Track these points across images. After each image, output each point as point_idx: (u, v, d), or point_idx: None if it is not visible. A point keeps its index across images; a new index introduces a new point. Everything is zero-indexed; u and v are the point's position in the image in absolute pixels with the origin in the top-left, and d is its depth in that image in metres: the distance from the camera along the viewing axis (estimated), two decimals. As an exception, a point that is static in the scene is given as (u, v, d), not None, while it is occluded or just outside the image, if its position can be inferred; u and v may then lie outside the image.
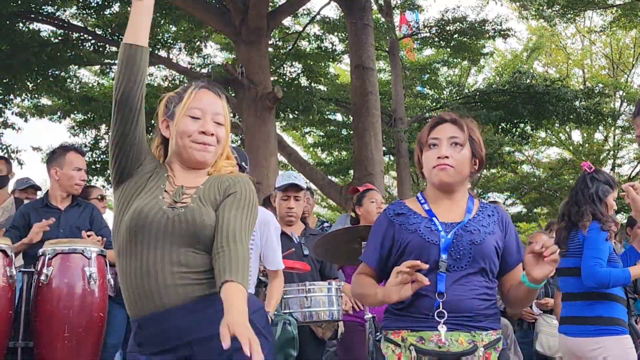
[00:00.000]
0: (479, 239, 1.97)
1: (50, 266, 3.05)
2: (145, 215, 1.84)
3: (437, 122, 2.10)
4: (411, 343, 1.91)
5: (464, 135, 2.04)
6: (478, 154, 2.07)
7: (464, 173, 2.04)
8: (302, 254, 3.71)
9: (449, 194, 2.07)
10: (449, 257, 1.94)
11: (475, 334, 1.92)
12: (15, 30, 9.48)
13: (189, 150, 1.92)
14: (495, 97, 12.57)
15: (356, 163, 9.48)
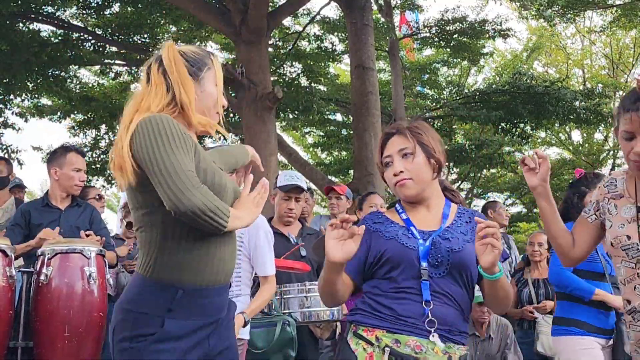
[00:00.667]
0: (457, 246, 1.94)
1: (50, 266, 3.05)
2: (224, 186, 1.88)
3: (386, 138, 2.10)
4: (386, 344, 1.86)
5: (411, 143, 2.02)
6: (433, 157, 2.03)
7: (424, 180, 2.01)
8: (299, 255, 3.71)
9: (422, 203, 2.05)
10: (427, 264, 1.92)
11: (450, 346, 1.89)
12: (15, 30, 9.49)
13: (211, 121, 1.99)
14: (495, 97, 12.57)
15: (356, 163, 9.48)
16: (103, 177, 12.69)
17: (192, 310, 1.80)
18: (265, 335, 3.17)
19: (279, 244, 3.66)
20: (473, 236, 1.96)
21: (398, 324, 1.88)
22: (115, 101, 12.13)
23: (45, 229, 3.51)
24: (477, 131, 15.42)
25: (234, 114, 11.86)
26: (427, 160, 2.02)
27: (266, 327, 3.20)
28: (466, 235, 1.99)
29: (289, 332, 3.19)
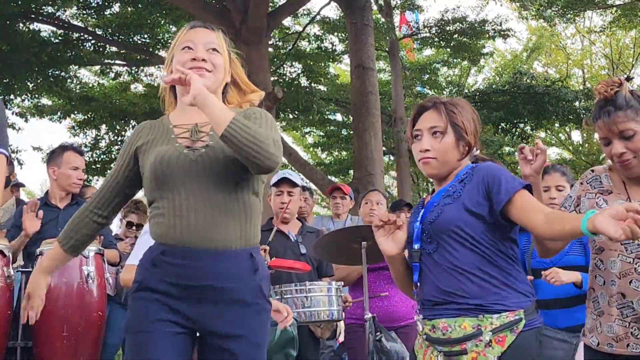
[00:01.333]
0: (434, 216, 1.90)
1: (49, 266, 3.04)
2: (166, 161, 1.88)
3: (419, 111, 2.05)
4: (426, 332, 1.90)
5: (443, 122, 1.98)
6: (464, 139, 1.99)
7: (449, 161, 1.97)
8: (299, 252, 3.70)
9: (446, 180, 2.01)
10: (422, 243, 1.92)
11: (482, 318, 1.80)
12: (15, 30, 9.49)
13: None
14: (495, 97, 12.58)
15: (356, 163, 9.48)
16: (103, 177, 12.69)
17: (171, 269, 1.85)
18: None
19: (280, 242, 3.66)
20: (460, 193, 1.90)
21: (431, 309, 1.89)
22: (115, 101, 12.14)
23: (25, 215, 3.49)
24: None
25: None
26: (456, 141, 1.98)
27: (266, 327, 3.19)
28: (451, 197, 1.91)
29: (290, 331, 3.18)
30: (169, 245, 1.86)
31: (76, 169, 3.78)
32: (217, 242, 1.86)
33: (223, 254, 1.86)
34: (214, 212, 1.86)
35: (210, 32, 2.02)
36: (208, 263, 1.84)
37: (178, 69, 1.87)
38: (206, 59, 1.96)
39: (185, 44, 1.98)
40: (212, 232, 1.85)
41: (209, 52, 1.98)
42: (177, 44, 2.00)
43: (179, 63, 1.94)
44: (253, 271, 1.90)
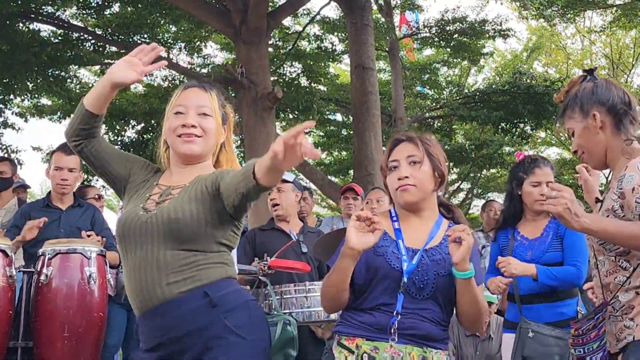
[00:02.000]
0: (444, 270, 1.98)
1: (50, 266, 3.05)
2: (123, 222, 1.97)
3: (394, 143, 2.11)
4: (364, 351, 1.93)
5: (420, 152, 2.04)
6: (438, 169, 2.06)
7: (426, 190, 2.04)
8: (300, 251, 3.70)
9: (416, 213, 2.07)
10: (411, 284, 1.95)
11: (426, 350, 1.95)
12: (15, 30, 9.48)
13: (176, 144, 2.00)
14: (495, 97, 12.57)
15: (356, 163, 9.48)
16: (103, 177, 12.69)
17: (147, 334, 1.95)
18: (266, 335, 3.16)
19: (280, 240, 3.66)
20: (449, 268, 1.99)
21: (376, 332, 1.94)
22: (115, 101, 12.11)
23: (29, 221, 3.50)
24: (477, 131, 15.42)
25: (234, 114, 11.85)
26: (432, 171, 2.05)
27: (266, 327, 3.19)
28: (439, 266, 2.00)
29: (290, 331, 3.18)
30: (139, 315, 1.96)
31: (60, 169, 3.73)
32: (162, 297, 1.89)
33: (171, 303, 1.87)
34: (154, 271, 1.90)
35: (203, 94, 2.05)
36: (164, 317, 1.89)
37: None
38: (196, 125, 1.99)
39: (177, 108, 2.02)
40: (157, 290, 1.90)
41: (200, 116, 2.01)
42: (171, 107, 2.04)
43: (171, 129, 2.00)
44: (210, 307, 1.87)
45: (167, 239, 1.91)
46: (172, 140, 2.01)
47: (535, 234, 3.15)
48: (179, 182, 2.01)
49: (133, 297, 1.95)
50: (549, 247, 3.10)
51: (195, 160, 2.04)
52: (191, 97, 2.03)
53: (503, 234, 3.25)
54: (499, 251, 3.23)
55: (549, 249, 3.09)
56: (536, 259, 3.07)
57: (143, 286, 1.91)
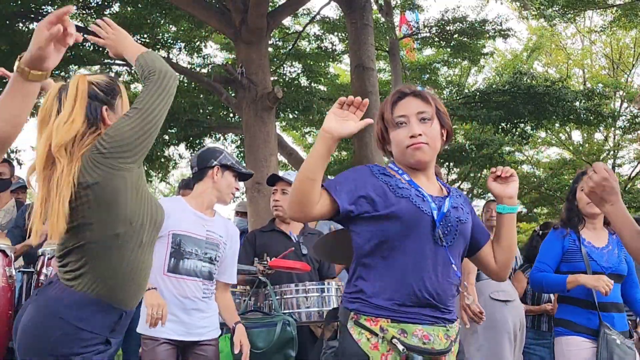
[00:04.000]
0: (464, 217, 1.94)
1: (50, 266, 3.05)
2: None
3: (398, 96, 1.98)
4: (393, 335, 1.75)
5: (431, 109, 1.94)
6: (446, 125, 1.99)
7: (437, 148, 1.97)
8: (300, 253, 3.70)
9: (423, 171, 1.98)
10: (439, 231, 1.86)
11: (448, 328, 1.85)
12: (15, 30, 9.48)
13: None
14: (495, 97, 12.56)
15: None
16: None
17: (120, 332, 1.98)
18: (266, 335, 3.16)
19: (280, 242, 3.66)
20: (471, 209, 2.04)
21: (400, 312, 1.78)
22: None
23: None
24: (477, 131, 15.41)
25: (233, 114, 11.84)
26: (441, 128, 1.98)
27: (266, 327, 3.19)
28: (465, 207, 2.00)
29: (289, 332, 3.19)
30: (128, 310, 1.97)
31: None
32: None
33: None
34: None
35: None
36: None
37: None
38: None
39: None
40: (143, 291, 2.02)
41: None
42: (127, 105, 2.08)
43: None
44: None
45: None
46: None
47: (602, 243, 3.22)
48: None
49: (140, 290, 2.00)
50: (619, 259, 3.19)
51: None
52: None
53: (570, 236, 3.24)
54: (562, 250, 3.24)
55: (620, 261, 3.19)
56: (613, 267, 3.16)
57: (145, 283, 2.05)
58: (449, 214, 1.87)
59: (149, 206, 1.88)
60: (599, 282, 3.01)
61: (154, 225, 1.91)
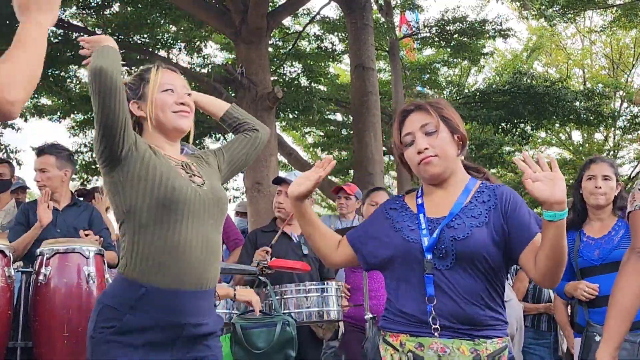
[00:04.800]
0: (461, 234, 1.79)
1: (49, 266, 3.04)
2: (179, 189, 1.92)
3: (404, 115, 1.97)
4: (409, 349, 1.77)
5: (434, 119, 1.90)
6: (457, 132, 1.92)
7: (450, 157, 1.89)
8: (301, 253, 3.70)
9: (442, 184, 1.93)
10: (433, 256, 1.81)
11: (478, 343, 1.75)
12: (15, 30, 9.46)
13: (173, 120, 2.06)
14: (495, 97, 12.56)
15: (356, 163, 9.47)
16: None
17: (154, 309, 1.86)
18: (266, 335, 3.16)
19: (282, 243, 3.66)
20: (487, 218, 1.83)
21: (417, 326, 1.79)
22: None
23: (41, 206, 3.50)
24: (477, 131, 15.42)
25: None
26: (451, 135, 1.91)
27: (266, 327, 3.19)
28: (477, 219, 1.83)
29: (289, 332, 3.18)
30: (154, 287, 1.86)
31: (36, 171, 3.74)
32: (204, 282, 1.93)
33: (208, 292, 1.96)
34: (209, 253, 1.94)
35: (179, 76, 2.16)
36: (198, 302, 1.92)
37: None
38: (186, 103, 2.10)
39: (166, 86, 2.08)
40: (203, 273, 1.92)
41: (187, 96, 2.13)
42: (157, 85, 2.07)
43: (166, 105, 2.06)
44: (214, 305, 2.06)
45: (218, 220, 2.02)
46: (166, 116, 2.06)
47: (603, 232, 3.15)
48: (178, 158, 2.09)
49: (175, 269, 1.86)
50: (617, 245, 3.08)
51: (180, 137, 2.15)
52: (175, 77, 2.13)
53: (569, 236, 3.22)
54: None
55: (617, 246, 3.07)
56: (603, 257, 3.08)
57: (197, 264, 1.91)
58: (443, 235, 1.81)
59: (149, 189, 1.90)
60: (577, 292, 3.06)
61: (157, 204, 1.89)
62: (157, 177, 1.91)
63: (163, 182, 1.90)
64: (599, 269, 3.08)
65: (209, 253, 1.94)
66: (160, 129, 2.08)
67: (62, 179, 3.78)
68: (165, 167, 1.96)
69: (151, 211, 1.89)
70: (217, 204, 2.01)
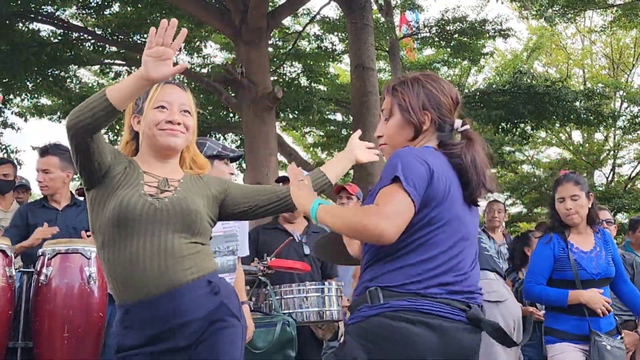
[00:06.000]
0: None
1: (50, 266, 3.04)
2: (131, 207, 1.93)
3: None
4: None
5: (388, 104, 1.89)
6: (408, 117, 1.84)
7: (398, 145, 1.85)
8: (302, 253, 3.70)
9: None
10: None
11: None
12: (15, 30, 9.48)
13: (159, 137, 2.04)
14: (495, 97, 12.56)
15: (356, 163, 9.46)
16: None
17: (139, 324, 1.93)
18: (265, 335, 3.16)
19: (282, 241, 3.66)
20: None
21: None
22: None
23: (39, 228, 3.50)
24: (477, 131, 15.40)
25: (233, 114, 11.84)
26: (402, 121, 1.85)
27: (266, 327, 3.19)
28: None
29: (289, 332, 3.18)
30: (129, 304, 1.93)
31: (37, 172, 3.74)
32: (170, 284, 1.92)
33: (183, 289, 1.93)
34: (168, 257, 1.93)
35: (183, 92, 2.10)
36: (174, 302, 1.91)
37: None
38: (180, 122, 2.05)
39: (160, 103, 2.04)
40: (165, 277, 1.92)
41: (182, 113, 2.07)
42: (151, 101, 2.05)
43: (154, 122, 2.03)
44: (213, 294, 1.97)
45: (182, 229, 1.98)
46: (153, 133, 2.04)
47: (589, 246, 3.24)
48: (168, 175, 2.07)
49: (134, 283, 1.91)
50: (608, 262, 3.22)
51: (174, 155, 2.11)
52: (173, 94, 2.07)
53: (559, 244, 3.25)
54: (553, 258, 3.23)
55: (609, 263, 3.22)
56: (602, 272, 3.19)
57: (151, 272, 1.91)
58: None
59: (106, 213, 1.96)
60: (598, 305, 3.07)
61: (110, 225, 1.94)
62: (115, 201, 1.95)
63: (117, 205, 1.94)
64: (597, 282, 3.16)
65: (169, 258, 1.93)
66: (149, 145, 2.08)
67: (64, 180, 3.77)
68: (127, 187, 1.98)
69: (107, 232, 1.96)
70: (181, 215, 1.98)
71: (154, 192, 2.01)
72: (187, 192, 2.05)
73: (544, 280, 3.21)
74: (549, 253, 3.23)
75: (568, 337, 3.15)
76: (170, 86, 2.09)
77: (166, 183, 2.04)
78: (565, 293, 3.13)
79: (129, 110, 2.11)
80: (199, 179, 2.16)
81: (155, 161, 2.08)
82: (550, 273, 3.22)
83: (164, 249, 1.93)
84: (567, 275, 3.17)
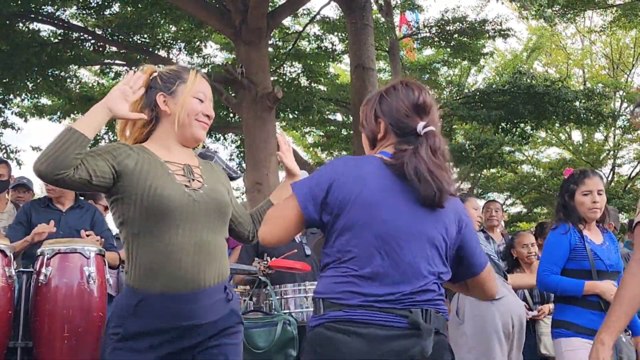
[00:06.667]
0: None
1: (49, 266, 3.04)
2: (170, 197, 1.93)
3: None
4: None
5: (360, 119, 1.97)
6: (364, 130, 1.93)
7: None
8: (303, 254, 3.70)
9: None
10: None
11: None
12: (15, 30, 9.48)
13: (194, 128, 2.07)
14: (495, 97, 12.56)
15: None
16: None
17: (152, 315, 1.90)
18: (266, 335, 3.16)
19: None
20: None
21: None
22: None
23: (41, 224, 3.50)
24: (477, 131, 15.42)
25: (233, 114, 11.84)
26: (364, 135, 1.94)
27: (267, 326, 3.19)
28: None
29: (290, 331, 3.18)
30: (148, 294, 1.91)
31: None
32: (197, 284, 1.92)
33: (206, 292, 1.94)
34: (203, 254, 1.94)
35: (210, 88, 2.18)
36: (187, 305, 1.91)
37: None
38: (211, 116, 2.13)
39: (199, 94, 2.09)
40: (195, 276, 1.92)
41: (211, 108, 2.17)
42: (192, 89, 2.07)
43: (193, 112, 2.07)
44: (227, 301, 2.00)
45: (215, 222, 2.00)
46: (190, 122, 2.06)
47: (600, 239, 3.24)
48: (187, 161, 2.08)
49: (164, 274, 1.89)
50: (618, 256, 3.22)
51: (197, 144, 2.16)
52: (207, 87, 2.14)
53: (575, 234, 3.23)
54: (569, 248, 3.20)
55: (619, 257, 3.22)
56: (614, 265, 3.17)
57: (190, 268, 1.91)
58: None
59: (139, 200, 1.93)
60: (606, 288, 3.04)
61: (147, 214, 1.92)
62: (147, 189, 1.92)
63: (152, 193, 1.91)
64: (609, 274, 3.13)
65: (203, 255, 1.94)
66: (180, 131, 2.07)
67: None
68: (156, 176, 1.95)
69: (142, 221, 1.93)
70: (216, 208, 2.01)
71: (186, 181, 2.00)
72: (211, 182, 2.07)
73: (558, 270, 3.16)
74: (565, 243, 3.19)
75: (583, 331, 3.08)
76: (203, 79, 2.14)
77: (190, 170, 2.05)
78: (581, 283, 3.09)
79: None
80: (211, 167, 2.18)
81: (176, 147, 2.08)
82: (564, 263, 3.20)
83: (199, 245, 1.94)
84: (583, 265, 3.14)
